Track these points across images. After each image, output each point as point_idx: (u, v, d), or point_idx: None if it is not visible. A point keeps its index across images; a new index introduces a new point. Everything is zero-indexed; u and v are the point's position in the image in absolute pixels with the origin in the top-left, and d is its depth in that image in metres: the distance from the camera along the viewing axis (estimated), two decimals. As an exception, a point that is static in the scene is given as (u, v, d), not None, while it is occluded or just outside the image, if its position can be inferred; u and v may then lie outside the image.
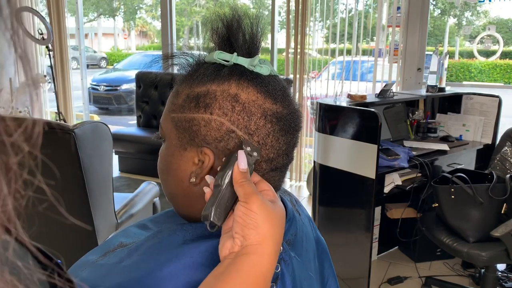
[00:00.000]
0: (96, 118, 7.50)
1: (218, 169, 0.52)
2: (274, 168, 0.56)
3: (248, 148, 0.51)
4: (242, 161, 0.50)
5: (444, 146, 2.47)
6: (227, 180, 0.50)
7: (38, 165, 0.23)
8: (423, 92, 2.71)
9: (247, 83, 0.53)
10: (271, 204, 0.49)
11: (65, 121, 3.98)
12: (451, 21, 18.56)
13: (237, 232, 0.48)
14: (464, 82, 14.08)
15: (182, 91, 0.56)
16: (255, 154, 0.51)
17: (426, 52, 3.22)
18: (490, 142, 2.62)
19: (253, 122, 0.53)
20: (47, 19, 3.99)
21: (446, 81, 2.77)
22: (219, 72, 0.54)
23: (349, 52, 3.86)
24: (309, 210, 2.25)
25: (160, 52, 9.15)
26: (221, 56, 0.55)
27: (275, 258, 0.48)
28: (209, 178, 0.53)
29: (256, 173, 0.54)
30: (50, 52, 3.57)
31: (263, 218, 0.47)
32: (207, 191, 0.53)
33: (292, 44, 3.66)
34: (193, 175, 0.55)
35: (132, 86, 7.98)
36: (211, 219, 0.50)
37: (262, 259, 0.47)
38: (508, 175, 2.03)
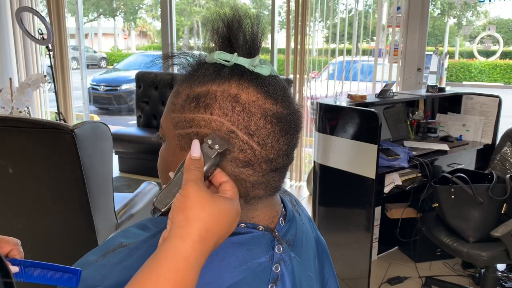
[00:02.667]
0: (96, 118, 7.50)
1: None
2: (274, 169, 0.56)
3: (209, 141, 0.51)
4: (194, 149, 0.50)
5: (444, 146, 2.47)
6: (181, 170, 0.51)
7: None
8: (423, 92, 2.71)
9: (247, 83, 0.53)
10: (210, 195, 0.47)
11: (65, 121, 3.98)
12: (451, 21, 18.55)
13: (169, 218, 0.47)
14: (464, 82, 14.08)
15: (182, 91, 0.56)
16: (216, 147, 0.50)
17: (426, 52, 3.22)
18: (490, 142, 2.62)
19: (253, 123, 0.52)
20: (47, 19, 3.99)
21: (446, 81, 2.77)
22: (220, 73, 0.54)
23: (349, 52, 3.86)
24: (309, 210, 2.25)
25: (160, 52, 9.15)
26: (221, 56, 0.55)
27: (200, 241, 0.45)
28: (171, 174, 0.53)
29: (224, 173, 0.52)
30: (50, 52, 3.57)
31: (192, 202, 0.46)
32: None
33: (292, 44, 3.66)
34: None
35: (132, 86, 7.98)
36: (154, 204, 0.50)
37: (183, 242, 0.44)
38: (508, 175, 2.03)
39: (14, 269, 0.52)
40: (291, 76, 3.72)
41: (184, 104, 0.55)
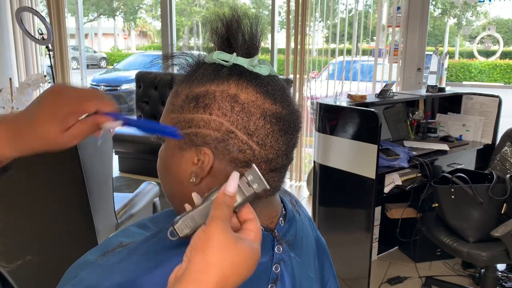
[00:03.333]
0: (96, 118, 7.49)
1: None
2: (273, 169, 0.56)
3: (250, 177, 0.47)
4: (231, 184, 0.46)
5: (444, 146, 2.47)
6: (211, 198, 0.47)
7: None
8: (423, 92, 2.71)
9: (246, 83, 0.53)
10: (234, 239, 0.44)
11: (65, 121, 3.97)
12: (451, 21, 18.55)
13: (186, 255, 0.44)
14: (464, 82, 14.08)
15: (181, 92, 0.56)
16: (255, 186, 0.47)
17: (426, 52, 3.22)
18: (490, 142, 2.62)
19: (252, 123, 0.52)
20: (47, 19, 3.99)
21: (446, 81, 2.77)
22: (219, 73, 0.54)
23: (349, 52, 3.86)
24: (309, 210, 2.25)
25: (160, 52, 9.14)
26: (220, 56, 0.55)
27: None
28: (195, 196, 0.51)
29: (252, 209, 0.49)
30: (50, 52, 3.57)
31: (214, 244, 0.42)
32: (187, 207, 0.50)
33: (292, 44, 3.66)
34: (193, 175, 0.55)
35: (132, 86, 7.97)
36: (174, 226, 0.47)
37: None
38: (508, 175, 2.03)
39: (117, 122, 0.50)
40: (291, 76, 3.72)
41: (183, 104, 0.55)
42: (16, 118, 0.51)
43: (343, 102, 2.19)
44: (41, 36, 3.45)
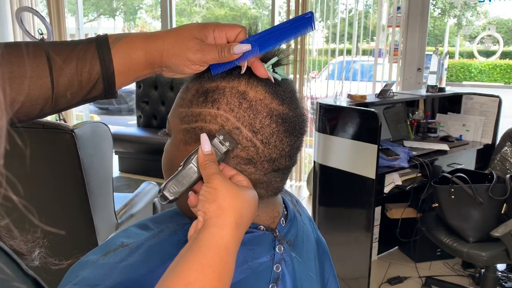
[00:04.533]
0: (96, 118, 7.49)
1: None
2: (276, 169, 0.56)
3: (221, 137, 0.51)
4: (205, 144, 0.51)
5: (444, 146, 2.47)
6: (192, 161, 0.52)
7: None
8: (423, 92, 2.71)
9: (256, 82, 0.54)
10: (236, 185, 0.49)
11: (65, 121, 3.98)
12: (451, 21, 18.55)
13: (199, 209, 0.48)
14: (464, 82, 14.08)
15: (192, 87, 0.57)
16: (227, 144, 0.52)
17: (426, 52, 3.22)
18: (490, 142, 2.62)
19: (258, 120, 0.53)
20: (47, 19, 3.99)
21: (446, 81, 2.77)
22: (231, 70, 0.55)
23: (349, 52, 3.86)
24: (309, 210, 2.25)
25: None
26: None
27: (237, 229, 0.47)
28: (203, 137, 0.54)
29: (231, 167, 0.53)
30: (50, 52, 3.56)
31: (223, 193, 0.47)
32: (192, 197, 0.53)
33: (292, 44, 3.66)
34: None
35: (132, 86, 7.97)
36: (163, 191, 0.52)
37: (221, 230, 0.46)
38: (508, 175, 2.03)
39: (246, 46, 0.52)
40: (291, 76, 3.72)
41: (193, 99, 0.55)
42: (162, 44, 0.53)
43: (343, 102, 2.19)
44: (41, 36, 3.45)
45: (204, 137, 0.51)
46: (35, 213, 0.30)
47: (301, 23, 0.54)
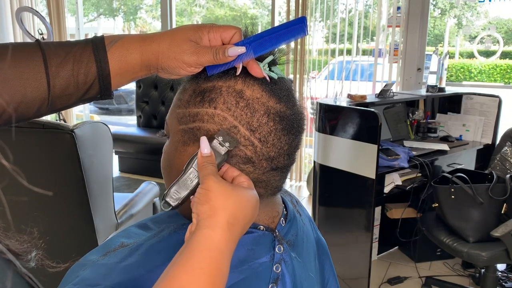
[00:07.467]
0: (96, 118, 7.50)
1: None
2: (274, 168, 0.56)
3: (220, 138, 0.51)
4: (204, 147, 0.51)
5: (444, 146, 2.47)
6: (193, 165, 0.52)
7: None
8: (423, 92, 2.71)
9: (253, 81, 0.54)
10: (230, 186, 0.49)
11: (65, 121, 3.98)
12: (451, 21, 18.55)
13: (193, 212, 0.48)
14: (464, 82, 14.07)
15: (189, 87, 0.57)
16: (227, 144, 0.51)
17: (426, 52, 3.22)
18: (490, 142, 2.62)
19: (255, 119, 0.53)
20: (47, 19, 3.99)
21: (446, 81, 2.77)
22: (227, 70, 0.55)
23: (349, 52, 3.86)
24: (309, 210, 2.25)
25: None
26: None
27: (229, 229, 0.46)
28: (203, 140, 0.54)
29: (235, 168, 0.53)
30: (50, 52, 3.56)
31: (215, 193, 0.47)
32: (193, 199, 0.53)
33: (292, 44, 3.65)
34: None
35: (132, 86, 7.97)
36: (166, 199, 0.51)
37: (213, 231, 0.45)
38: (508, 175, 2.03)
39: (241, 49, 0.52)
40: (291, 76, 3.72)
41: (190, 99, 0.55)
42: (157, 46, 0.53)
43: (343, 102, 2.19)
44: (41, 36, 3.45)
45: (203, 140, 0.51)
46: (23, 176, 0.31)
47: (295, 27, 0.54)
